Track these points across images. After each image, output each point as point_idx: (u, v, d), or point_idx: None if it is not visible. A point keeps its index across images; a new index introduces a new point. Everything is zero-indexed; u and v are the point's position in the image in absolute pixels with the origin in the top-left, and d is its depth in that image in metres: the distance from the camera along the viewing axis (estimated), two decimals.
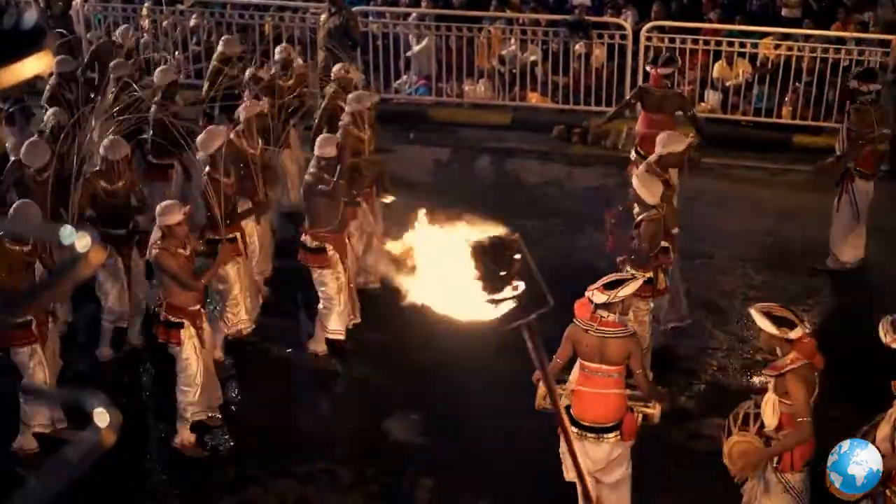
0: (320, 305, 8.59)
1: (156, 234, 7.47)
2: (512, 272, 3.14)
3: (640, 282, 6.49)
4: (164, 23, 14.63)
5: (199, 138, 8.40)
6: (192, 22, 14.74)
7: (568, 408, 6.39)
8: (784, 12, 15.27)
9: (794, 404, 5.79)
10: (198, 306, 7.58)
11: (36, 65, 1.66)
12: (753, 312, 5.92)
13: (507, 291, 3.18)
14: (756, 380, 8.19)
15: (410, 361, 8.73)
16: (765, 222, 11.05)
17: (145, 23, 14.78)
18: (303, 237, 8.56)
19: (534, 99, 14.36)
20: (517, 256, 3.17)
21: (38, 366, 7.29)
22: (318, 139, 8.55)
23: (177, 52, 14.62)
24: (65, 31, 12.95)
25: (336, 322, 8.58)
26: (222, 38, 11.95)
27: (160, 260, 7.40)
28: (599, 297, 6.20)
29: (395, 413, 8.05)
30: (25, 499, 1.53)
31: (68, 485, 1.57)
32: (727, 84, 13.77)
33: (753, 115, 13.58)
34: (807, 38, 13.69)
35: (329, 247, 8.45)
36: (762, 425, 5.98)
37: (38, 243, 7.27)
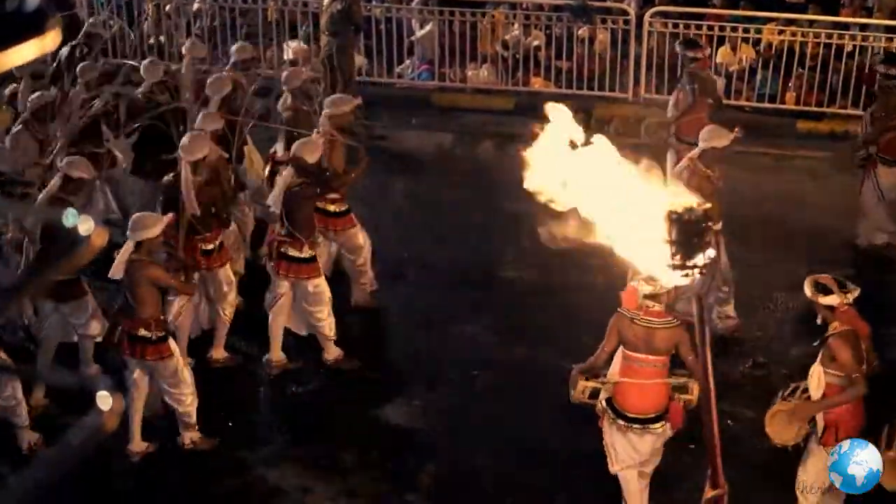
0: (314, 322, 8.27)
1: (128, 248, 6.93)
2: (704, 241, 3.13)
3: None
4: (167, 7, 14.56)
5: (184, 143, 7.95)
6: (195, 6, 14.69)
7: (609, 400, 6.34)
8: None
9: (843, 365, 5.86)
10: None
11: (37, 47, 1.65)
12: (806, 280, 6.17)
13: (699, 259, 3.19)
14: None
15: (411, 348, 8.74)
16: (768, 208, 11.02)
17: (149, 7, 14.73)
18: (294, 251, 8.03)
19: (537, 84, 14.31)
20: (711, 226, 3.17)
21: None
22: (296, 145, 8.13)
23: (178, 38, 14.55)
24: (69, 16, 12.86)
25: (332, 327, 8.33)
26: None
27: (149, 273, 6.95)
28: (646, 288, 6.06)
29: (396, 398, 8.06)
30: (25, 482, 1.53)
31: (66, 469, 1.57)
32: (731, 70, 13.71)
33: (757, 101, 13.51)
34: (811, 23, 13.63)
35: (316, 254, 8.19)
36: (808, 399, 6.08)
37: None
